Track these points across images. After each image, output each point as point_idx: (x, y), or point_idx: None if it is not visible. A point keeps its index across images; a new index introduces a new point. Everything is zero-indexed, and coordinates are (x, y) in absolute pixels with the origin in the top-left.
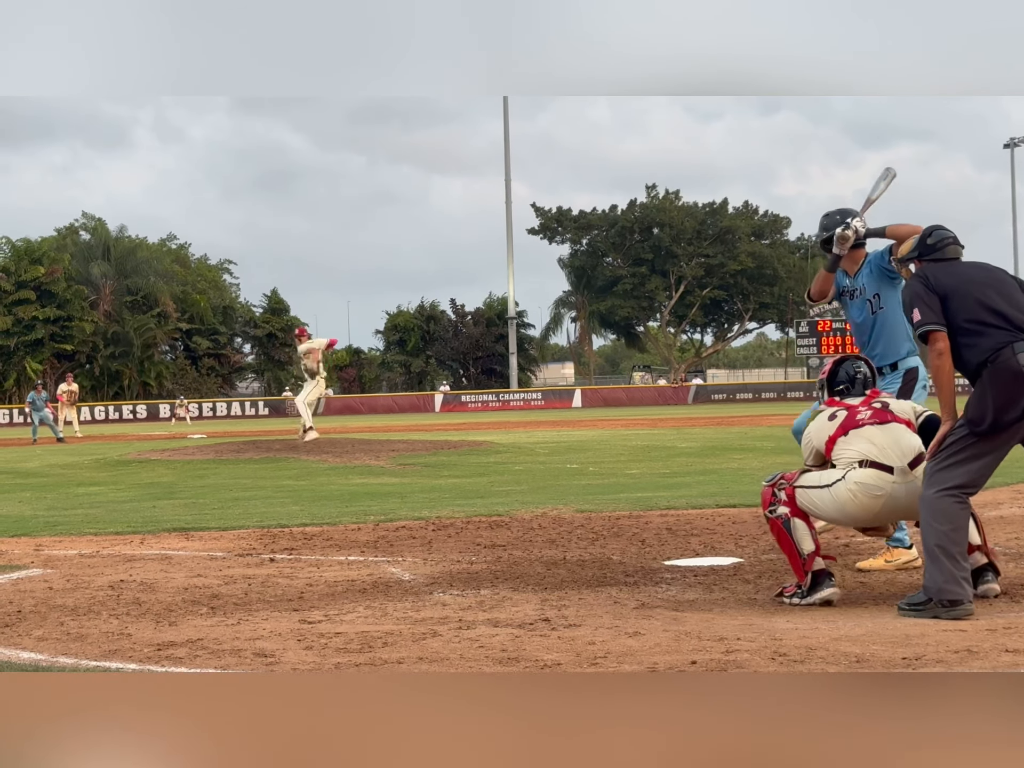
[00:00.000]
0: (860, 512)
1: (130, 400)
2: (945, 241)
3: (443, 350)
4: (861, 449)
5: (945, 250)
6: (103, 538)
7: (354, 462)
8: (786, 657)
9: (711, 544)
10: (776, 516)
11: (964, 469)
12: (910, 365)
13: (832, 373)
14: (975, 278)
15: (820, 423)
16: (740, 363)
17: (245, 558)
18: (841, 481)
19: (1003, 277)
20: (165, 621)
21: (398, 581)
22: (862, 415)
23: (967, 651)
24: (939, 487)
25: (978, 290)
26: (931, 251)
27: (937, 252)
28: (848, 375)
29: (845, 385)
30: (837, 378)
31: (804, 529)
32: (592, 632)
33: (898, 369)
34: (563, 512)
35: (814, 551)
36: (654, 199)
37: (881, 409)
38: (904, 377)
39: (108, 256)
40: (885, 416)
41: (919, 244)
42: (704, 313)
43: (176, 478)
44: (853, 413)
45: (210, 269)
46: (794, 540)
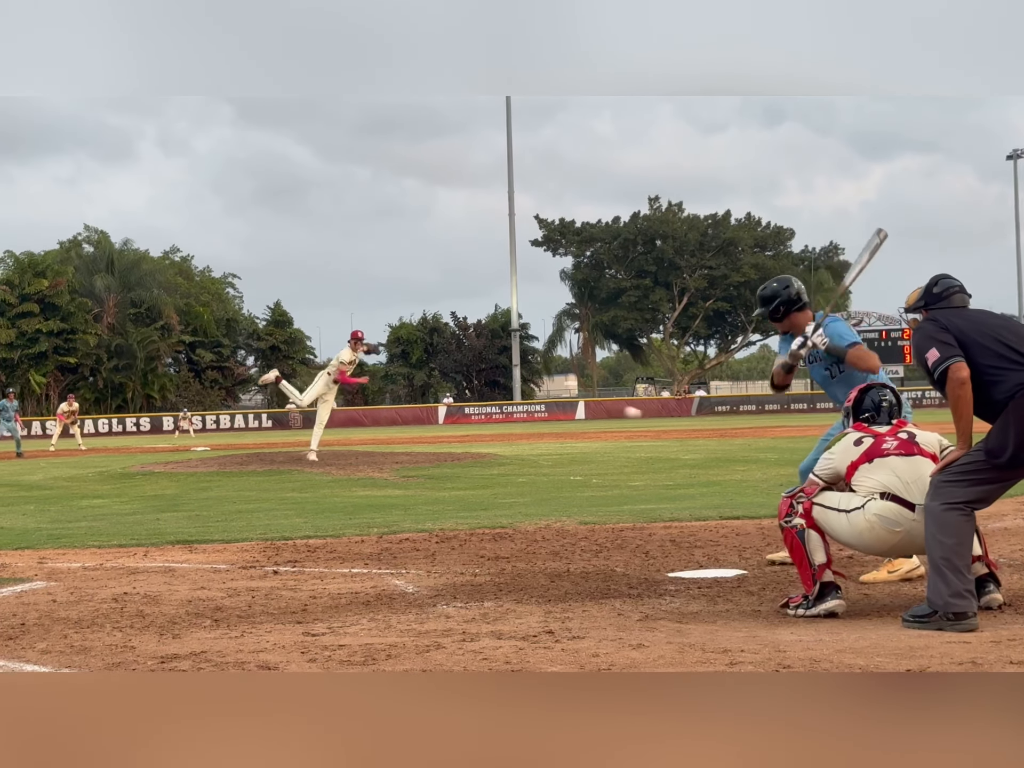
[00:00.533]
0: (875, 543)
1: (134, 413)
2: (951, 290)
3: (446, 362)
4: (884, 481)
5: (951, 299)
6: (107, 551)
7: (357, 474)
8: (790, 669)
9: (715, 556)
10: (791, 526)
11: (973, 489)
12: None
13: (857, 401)
14: (987, 321)
15: (846, 446)
16: (743, 375)
17: (249, 570)
18: (860, 510)
19: (1013, 321)
20: (169, 634)
21: (402, 593)
22: (888, 444)
23: (971, 663)
24: (946, 500)
25: (993, 332)
26: (937, 300)
27: (943, 301)
28: (873, 403)
29: (871, 413)
30: (863, 406)
31: (818, 541)
32: (596, 644)
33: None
34: (566, 524)
35: (826, 563)
36: (657, 211)
37: (908, 440)
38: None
39: (112, 269)
40: (911, 448)
41: (925, 293)
42: (707, 325)
43: (180, 490)
44: (880, 441)
45: (213, 281)
46: (807, 550)
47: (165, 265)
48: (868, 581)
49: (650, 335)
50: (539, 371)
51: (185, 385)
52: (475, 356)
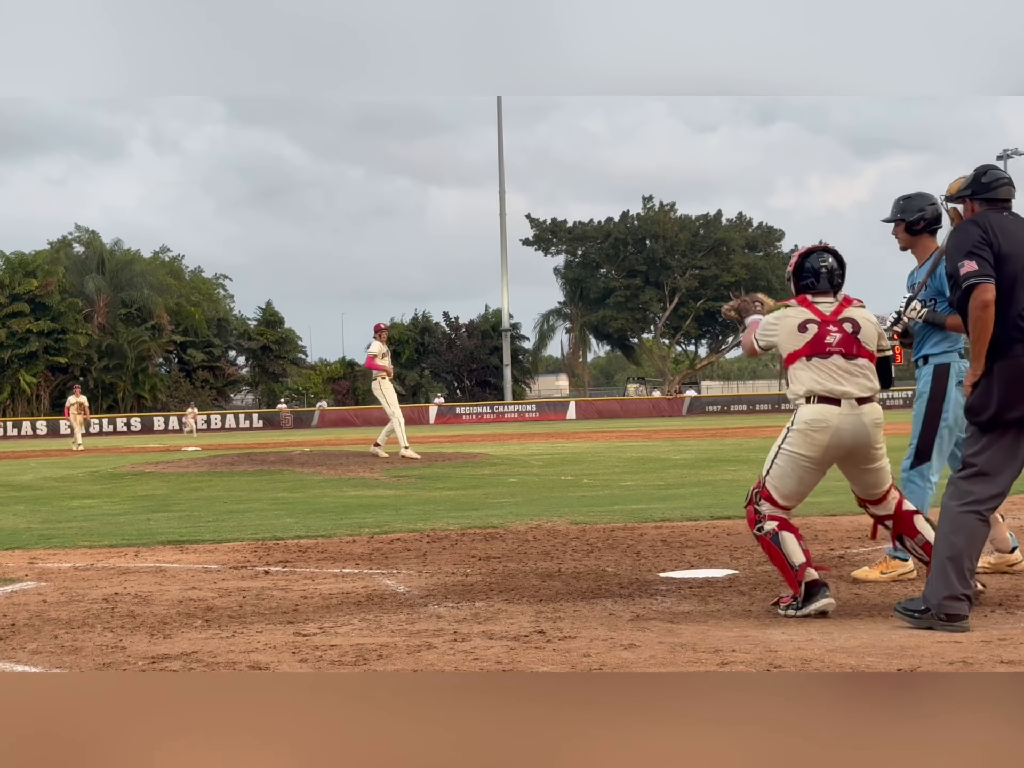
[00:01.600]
0: (810, 449)
1: (124, 413)
2: (1000, 181)
3: (438, 362)
4: (816, 378)
5: (999, 190)
6: (97, 551)
7: (348, 474)
8: (781, 669)
9: (706, 556)
10: (764, 533)
11: (990, 483)
12: (941, 361)
13: (797, 267)
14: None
15: (790, 328)
16: (734, 375)
17: (240, 571)
18: (789, 428)
19: None
20: (160, 634)
21: (393, 593)
22: (831, 338)
23: (962, 662)
24: (964, 500)
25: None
26: (985, 189)
27: (991, 192)
28: (813, 268)
29: (810, 279)
30: (803, 271)
31: (793, 542)
32: (587, 644)
33: (928, 363)
34: (558, 524)
35: (805, 562)
36: (650, 211)
37: (850, 335)
38: (935, 372)
39: (102, 269)
40: (851, 346)
41: (972, 182)
42: (698, 325)
43: (171, 491)
44: (823, 332)
45: (204, 282)
46: (784, 553)
47: (156, 265)
48: (860, 578)
49: (641, 335)
50: (530, 371)
51: (176, 385)
52: (466, 356)
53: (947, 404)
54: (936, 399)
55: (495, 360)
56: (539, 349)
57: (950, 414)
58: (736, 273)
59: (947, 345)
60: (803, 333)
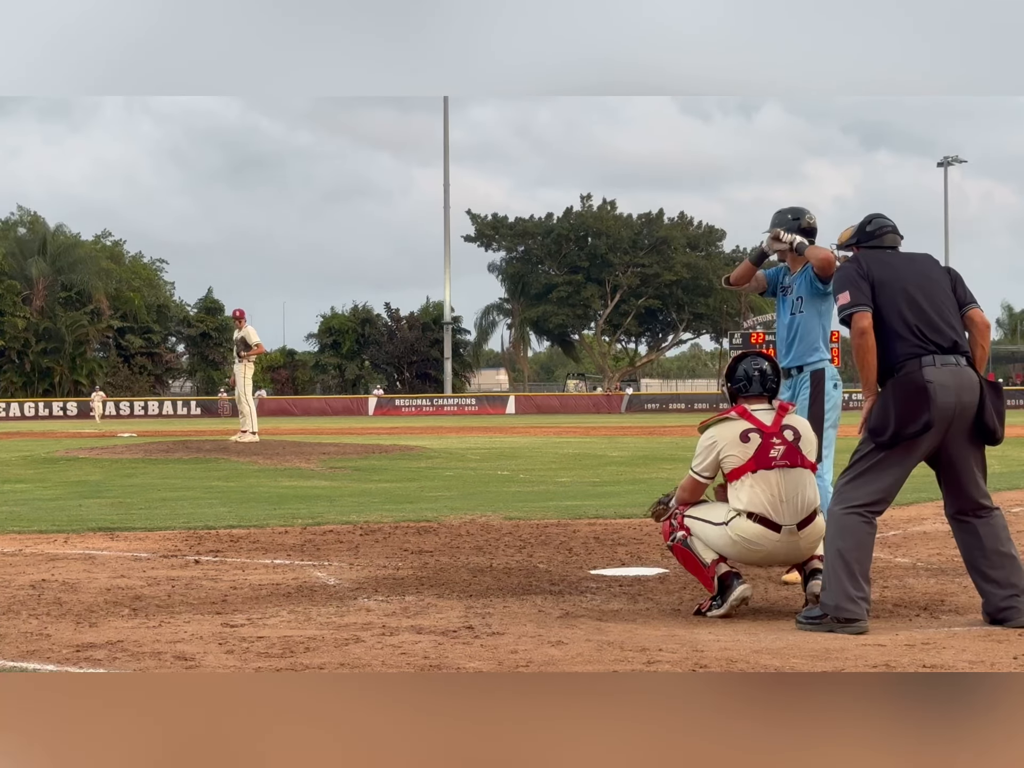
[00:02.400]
0: (738, 557)
1: (61, 397)
2: (884, 229)
3: (378, 354)
4: (759, 499)
5: (883, 238)
6: (26, 536)
7: (284, 464)
8: (707, 669)
9: (637, 554)
10: (676, 541)
11: (871, 488)
12: (816, 367)
13: (731, 369)
14: (906, 276)
15: (732, 438)
16: (674, 373)
17: (170, 559)
18: (725, 526)
19: (934, 275)
20: (86, 622)
21: (323, 586)
22: (775, 451)
23: (885, 665)
24: (846, 504)
25: (905, 291)
26: (869, 238)
27: (875, 239)
28: (746, 373)
29: (743, 383)
30: (736, 375)
31: (702, 543)
32: (515, 640)
33: (803, 372)
34: (491, 519)
35: (717, 558)
36: (588, 209)
37: (792, 444)
38: (812, 378)
39: (44, 252)
40: (795, 457)
41: (858, 231)
42: (639, 322)
43: (104, 477)
44: (767, 444)
45: (145, 267)
46: (696, 555)
47: (97, 250)
48: (790, 581)
49: (581, 331)
50: (471, 365)
51: (114, 371)
52: (407, 348)
53: (828, 405)
54: (817, 402)
55: (436, 353)
56: (480, 343)
57: (833, 415)
58: (677, 272)
59: (820, 355)
60: (746, 443)
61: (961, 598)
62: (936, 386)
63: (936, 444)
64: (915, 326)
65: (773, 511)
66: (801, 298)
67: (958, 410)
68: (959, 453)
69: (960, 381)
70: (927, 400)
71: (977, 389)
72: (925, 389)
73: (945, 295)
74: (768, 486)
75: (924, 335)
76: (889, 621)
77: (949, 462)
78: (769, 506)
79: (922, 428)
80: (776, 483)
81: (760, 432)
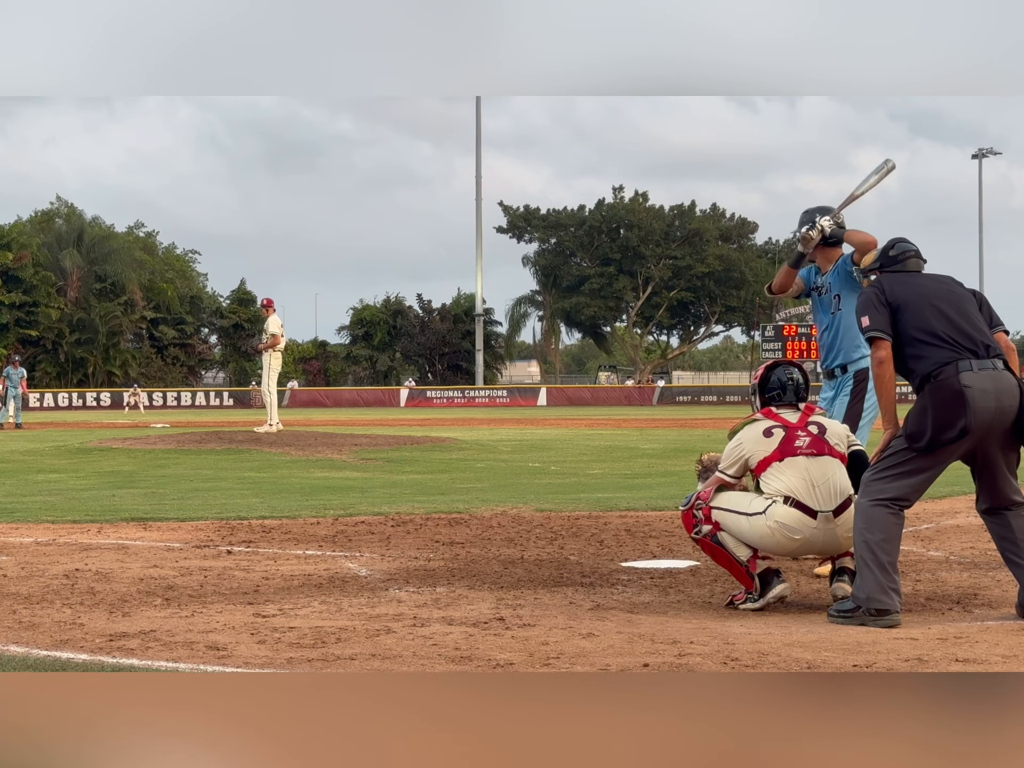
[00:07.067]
0: (774, 547)
1: (94, 388)
2: (907, 254)
3: (409, 345)
4: (791, 484)
5: (907, 263)
6: (60, 526)
7: (316, 455)
8: (738, 662)
9: (669, 547)
10: (703, 536)
11: (900, 483)
12: (861, 366)
13: (764, 379)
14: (931, 291)
15: (755, 436)
16: (706, 365)
17: (202, 550)
18: (762, 515)
19: (960, 292)
20: (119, 612)
21: (354, 576)
22: (800, 441)
23: (918, 659)
24: (873, 497)
25: (932, 304)
26: (892, 263)
27: (898, 264)
28: (780, 381)
29: (777, 392)
30: (769, 384)
31: (733, 539)
32: (546, 632)
33: (847, 372)
34: (523, 511)
35: (752, 555)
36: (620, 201)
37: (818, 436)
38: (855, 377)
39: (80, 244)
40: (822, 447)
41: (881, 255)
42: (671, 315)
43: (137, 467)
44: (791, 436)
45: (178, 258)
46: (728, 551)
47: (131, 241)
48: (821, 574)
49: (613, 323)
50: (502, 356)
51: (147, 361)
52: (438, 340)
53: (867, 403)
54: (858, 400)
55: (467, 344)
56: (512, 335)
57: (871, 413)
58: (710, 264)
59: (863, 351)
60: (769, 438)
61: (994, 592)
62: (975, 391)
63: (973, 447)
64: (946, 334)
65: (807, 495)
66: (839, 296)
67: (997, 414)
68: (995, 454)
69: (1000, 385)
70: (963, 405)
71: (1017, 393)
72: (962, 394)
73: (973, 308)
74: (797, 470)
75: (957, 342)
76: (922, 615)
77: (985, 462)
78: (803, 490)
79: (959, 434)
80: (805, 468)
81: (784, 427)
